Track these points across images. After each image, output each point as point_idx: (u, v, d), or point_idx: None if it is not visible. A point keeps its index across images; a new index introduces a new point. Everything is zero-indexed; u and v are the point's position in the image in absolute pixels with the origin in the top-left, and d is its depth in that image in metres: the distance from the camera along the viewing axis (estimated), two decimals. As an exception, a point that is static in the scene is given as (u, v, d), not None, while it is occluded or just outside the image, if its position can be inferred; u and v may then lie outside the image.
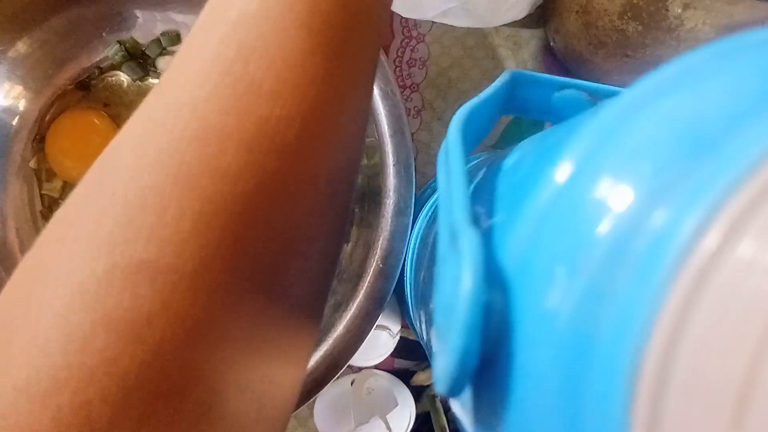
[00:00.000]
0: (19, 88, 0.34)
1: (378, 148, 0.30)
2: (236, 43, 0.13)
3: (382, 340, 0.35)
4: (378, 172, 0.30)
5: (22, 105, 0.34)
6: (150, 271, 0.12)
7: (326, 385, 0.28)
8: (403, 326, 0.36)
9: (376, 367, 0.36)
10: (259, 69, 0.13)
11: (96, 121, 0.34)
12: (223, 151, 0.12)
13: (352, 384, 0.36)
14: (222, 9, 0.14)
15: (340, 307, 0.29)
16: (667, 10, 0.26)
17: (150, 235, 0.12)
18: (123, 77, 0.35)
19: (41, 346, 0.11)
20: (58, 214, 0.13)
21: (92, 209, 0.12)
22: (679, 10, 0.26)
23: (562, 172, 0.10)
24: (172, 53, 0.35)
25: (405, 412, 0.35)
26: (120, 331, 0.11)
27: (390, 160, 0.29)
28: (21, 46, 0.33)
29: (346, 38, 0.14)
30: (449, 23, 0.33)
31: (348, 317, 0.29)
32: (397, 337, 0.35)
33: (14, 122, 0.34)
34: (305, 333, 0.16)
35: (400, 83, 0.38)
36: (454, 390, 0.10)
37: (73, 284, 0.12)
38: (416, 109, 0.38)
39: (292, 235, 0.14)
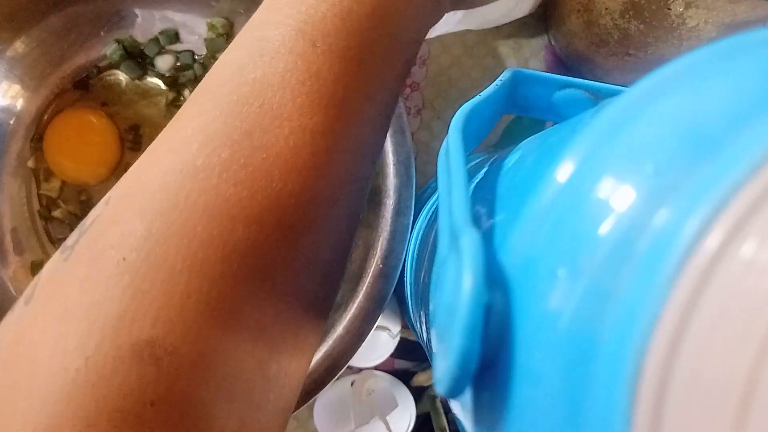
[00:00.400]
0: (16, 88, 0.34)
1: (378, 147, 0.30)
2: (257, 108, 0.13)
3: (382, 341, 0.35)
4: (378, 171, 0.30)
5: (19, 104, 0.34)
6: (156, 351, 0.11)
7: (326, 386, 0.28)
8: (403, 327, 0.36)
9: (376, 368, 0.36)
10: (277, 140, 0.13)
11: (94, 120, 0.34)
12: (233, 228, 0.12)
13: (352, 385, 0.36)
14: (249, 62, 0.13)
15: (340, 307, 0.29)
16: (669, 9, 0.26)
17: (158, 315, 0.12)
18: (121, 76, 0.35)
19: (46, 424, 0.11)
20: (57, 271, 0.13)
21: (98, 275, 0.12)
22: (681, 9, 0.26)
23: (564, 171, 0.10)
24: (170, 52, 0.35)
25: (405, 413, 0.35)
26: (124, 414, 0.11)
27: (390, 159, 0.29)
28: (19, 45, 0.33)
29: (362, 114, 0.14)
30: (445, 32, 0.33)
31: (348, 318, 0.29)
32: (397, 338, 0.35)
33: (12, 121, 0.34)
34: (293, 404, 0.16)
35: (400, 82, 0.37)
36: (455, 391, 0.10)
37: (78, 360, 0.11)
38: (416, 108, 0.38)
39: (295, 307, 0.14)
